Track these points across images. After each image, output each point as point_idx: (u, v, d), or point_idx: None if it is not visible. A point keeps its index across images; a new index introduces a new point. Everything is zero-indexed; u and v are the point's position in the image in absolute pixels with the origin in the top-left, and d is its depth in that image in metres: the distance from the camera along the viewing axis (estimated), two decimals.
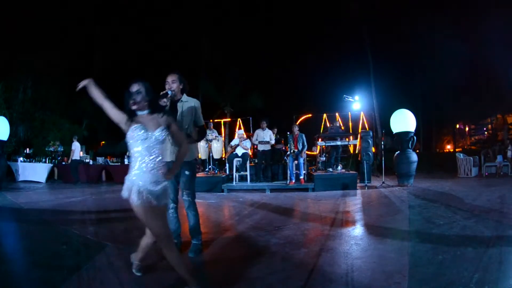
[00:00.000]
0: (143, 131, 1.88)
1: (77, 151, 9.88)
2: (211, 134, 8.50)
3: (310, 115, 13.09)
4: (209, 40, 17.59)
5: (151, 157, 1.88)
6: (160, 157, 1.93)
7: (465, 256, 2.56)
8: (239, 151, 7.79)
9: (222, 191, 7.32)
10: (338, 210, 4.87)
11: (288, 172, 7.49)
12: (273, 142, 8.29)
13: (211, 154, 8.41)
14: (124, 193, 1.85)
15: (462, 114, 20.75)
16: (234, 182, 7.72)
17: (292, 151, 7.35)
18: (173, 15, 18.16)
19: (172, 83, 2.79)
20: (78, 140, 10.19)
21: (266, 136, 8.07)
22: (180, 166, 2.84)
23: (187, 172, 2.83)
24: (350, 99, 11.94)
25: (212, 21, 17.69)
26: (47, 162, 10.86)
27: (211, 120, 11.51)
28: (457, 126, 23.91)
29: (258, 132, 8.16)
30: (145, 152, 1.87)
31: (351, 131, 11.87)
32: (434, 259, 2.50)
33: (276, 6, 18.43)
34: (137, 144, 1.88)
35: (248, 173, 7.78)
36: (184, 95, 2.89)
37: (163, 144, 1.99)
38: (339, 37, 17.74)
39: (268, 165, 8.47)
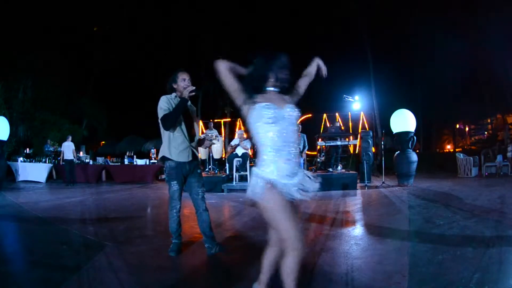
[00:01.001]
0: (274, 109, 1.52)
1: (68, 150, 9.62)
2: (211, 134, 8.50)
3: (310, 115, 13.09)
4: (209, 39, 17.59)
5: (285, 143, 1.52)
6: (295, 142, 1.56)
7: (465, 256, 2.55)
8: (239, 151, 7.79)
9: (222, 191, 7.33)
10: (338, 210, 4.87)
11: None
12: None
13: (211, 154, 8.41)
14: (249, 192, 1.52)
15: (462, 114, 20.77)
16: (234, 182, 7.72)
17: None
18: (173, 14, 18.16)
19: (189, 81, 2.78)
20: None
21: None
22: (194, 166, 2.83)
23: (199, 171, 2.87)
24: (350, 99, 11.94)
25: (212, 21, 17.69)
26: (47, 162, 10.86)
27: (211, 120, 11.51)
28: (457, 126, 23.92)
29: None
30: (277, 136, 1.52)
31: (351, 131, 11.87)
32: (434, 259, 2.50)
33: (276, 6, 18.43)
34: (267, 127, 1.52)
35: (248, 173, 7.77)
36: None
37: (296, 127, 1.62)
38: (339, 37, 17.75)
39: None
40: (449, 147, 24.59)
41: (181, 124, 2.75)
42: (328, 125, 10.92)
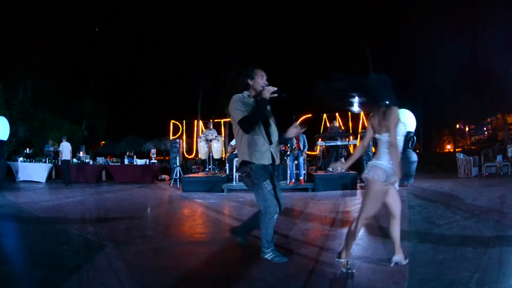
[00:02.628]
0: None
1: (65, 151, 9.71)
2: (211, 134, 8.52)
3: (310, 115, 13.08)
4: (209, 39, 17.59)
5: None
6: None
7: (465, 256, 2.55)
8: None
9: (222, 191, 7.31)
10: (338, 210, 4.87)
11: (288, 172, 7.48)
12: None
13: (211, 154, 8.41)
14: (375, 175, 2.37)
15: (462, 114, 20.73)
16: (234, 182, 7.71)
17: (294, 147, 7.35)
18: (173, 14, 18.15)
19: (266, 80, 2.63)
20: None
21: None
22: (274, 169, 2.72)
23: (277, 173, 2.78)
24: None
25: (212, 20, 17.68)
26: (47, 162, 10.86)
27: (211, 120, 11.51)
28: (457, 126, 23.90)
29: None
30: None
31: (351, 131, 11.86)
32: (434, 259, 2.51)
33: (276, 6, 18.41)
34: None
35: None
36: None
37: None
38: (338, 37, 17.73)
39: None
40: (449, 147, 24.58)
41: (260, 126, 2.59)
42: (328, 125, 10.92)
